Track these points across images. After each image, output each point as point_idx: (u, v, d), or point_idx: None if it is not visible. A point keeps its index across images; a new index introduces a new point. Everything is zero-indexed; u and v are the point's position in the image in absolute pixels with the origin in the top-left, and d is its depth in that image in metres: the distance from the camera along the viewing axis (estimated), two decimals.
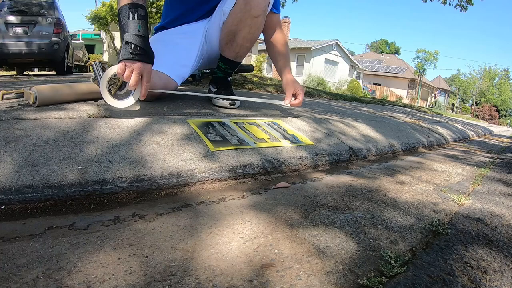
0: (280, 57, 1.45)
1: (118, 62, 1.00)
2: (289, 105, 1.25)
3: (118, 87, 1.31)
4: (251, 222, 0.66)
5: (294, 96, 1.27)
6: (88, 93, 1.23)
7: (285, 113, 1.62)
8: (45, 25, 4.83)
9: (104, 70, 1.28)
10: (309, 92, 4.23)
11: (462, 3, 7.61)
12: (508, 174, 1.41)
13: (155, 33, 1.51)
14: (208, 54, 1.47)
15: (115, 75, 1.08)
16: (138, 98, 1.08)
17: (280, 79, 1.54)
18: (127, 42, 0.99)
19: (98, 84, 1.25)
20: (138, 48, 1.00)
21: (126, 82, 1.35)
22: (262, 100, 1.30)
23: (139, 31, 1.00)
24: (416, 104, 16.90)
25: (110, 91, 1.06)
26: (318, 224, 0.68)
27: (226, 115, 1.29)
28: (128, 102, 1.07)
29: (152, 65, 1.05)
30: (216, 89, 1.47)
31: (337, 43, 20.96)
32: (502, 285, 0.52)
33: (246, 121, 1.28)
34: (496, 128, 8.46)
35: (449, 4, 7.71)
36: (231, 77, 1.56)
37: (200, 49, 1.43)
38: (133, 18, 1.01)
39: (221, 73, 1.46)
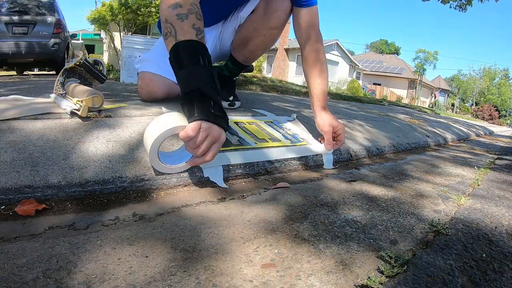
0: (312, 78, 1.21)
1: (191, 120, 0.73)
2: (332, 150, 1.19)
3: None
4: (251, 222, 0.66)
5: (334, 136, 1.17)
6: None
7: (285, 113, 1.62)
8: (45, 25, 4.84)
9: (94, 67, 1.20)
10: None
11: (462, 2, 7.66)
12: (508, 174, 1.41)
13: None
14: (221, 51, 1.46)
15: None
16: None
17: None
18: (204, 95, 0.75)
19: (86, 85, 1.18)
20: (218, 107, 0.77)
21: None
22: (294, 155, 1.10)
23: (216, 85, 0.79)
24: (416, 104, 16.91)
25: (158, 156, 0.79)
26: (318, 224, 0.68)
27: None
28: (180, 168, 0.84)
29: (226, 131, 0.81)
30: (219, 87, 1.47)
31: (336, 43, 20.95)
32: (502, 285, 0.52)
33: (246, 121, 1.28)
34: (496, 128, 8.46)
35: (450, 7, 7.81)
36: (236, 78, 1.55)
37: (211, 51, 1.42)
38: (204, 64, 0.79)
39: (228, 72, 1.46)
